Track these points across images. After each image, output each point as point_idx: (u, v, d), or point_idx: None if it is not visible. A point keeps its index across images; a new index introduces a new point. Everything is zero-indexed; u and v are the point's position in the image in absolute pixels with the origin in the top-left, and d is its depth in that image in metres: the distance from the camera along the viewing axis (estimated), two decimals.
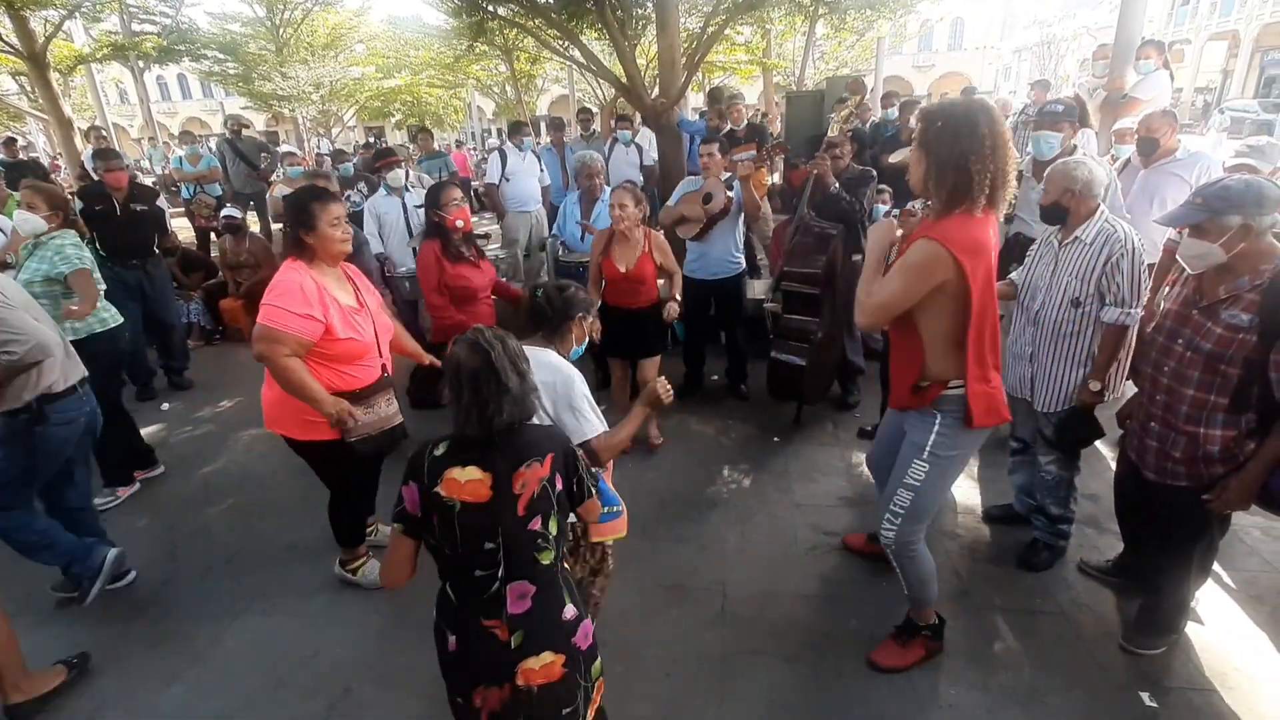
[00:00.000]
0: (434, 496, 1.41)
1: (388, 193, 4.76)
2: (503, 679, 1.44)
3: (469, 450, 1.43)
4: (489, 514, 1.41)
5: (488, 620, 1.45)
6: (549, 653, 1.47)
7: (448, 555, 1.45)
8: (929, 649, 2.35)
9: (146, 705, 2.33)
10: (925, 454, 2.03)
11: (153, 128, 15.92)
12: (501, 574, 1.44)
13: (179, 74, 35.61)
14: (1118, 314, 2.39)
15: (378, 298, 2.66)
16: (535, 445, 1.47)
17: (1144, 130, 3.69)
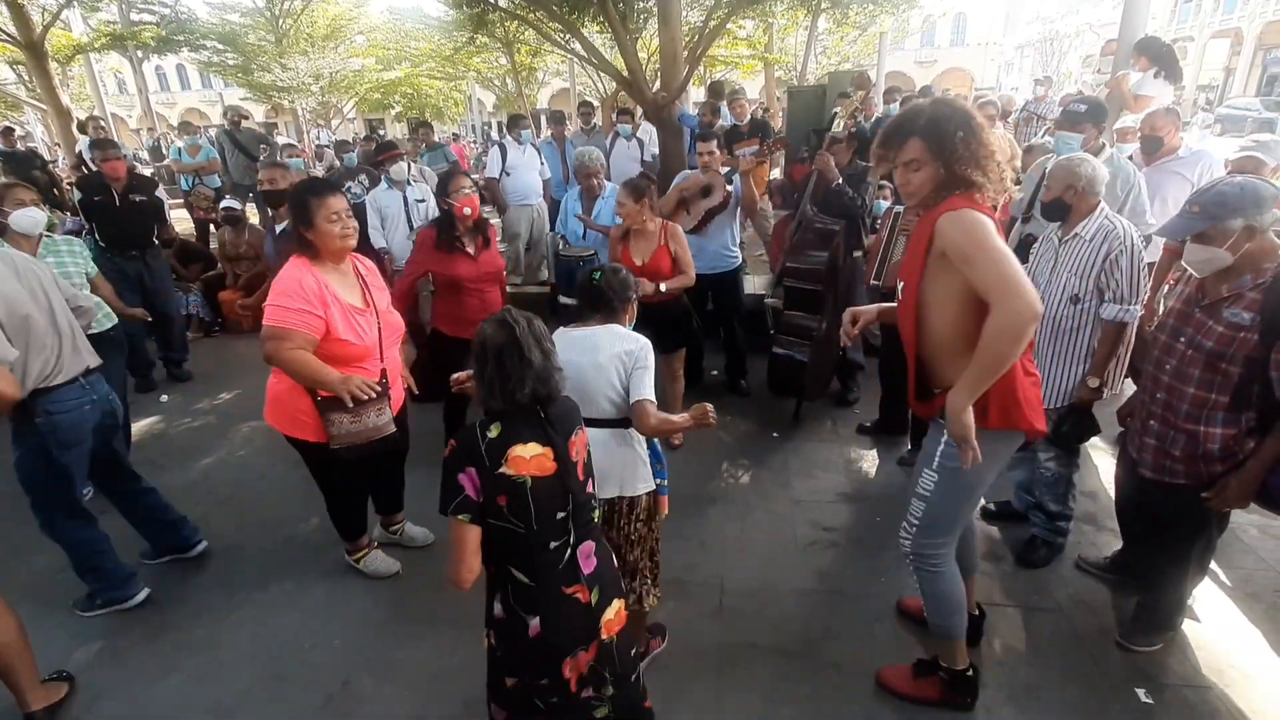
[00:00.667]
0: (500, 478, 1.41)
1: (389, 186, 4.74)
2: (590, 639, 1.50)
3: (523, 428, 1.45)
4: (559, 484, 1.45)
5: (569, 588, 1.48)
6: (617, 600, 1.56)
7: (521, 534, 1.44)
8: (946, 696, 2.13)
9: (144, 696, 2.34)
10: (934, 464, 1.90)
11: (151, 118, 15.86)
12: (572, 540, 1.48)
13: (178, 64, 35.52)
14: (1117, 310, 2.39)
15: (389, 297, 2.61)
16: (573, 416, 1.54)
17: (1147, 129, 3.68)
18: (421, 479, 3.63)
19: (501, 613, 1.50)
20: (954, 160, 1.66)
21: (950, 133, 1.66)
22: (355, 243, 2.39)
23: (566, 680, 1.48)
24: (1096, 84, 5.72)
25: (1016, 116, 7.77)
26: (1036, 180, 3.29)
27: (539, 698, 1.51)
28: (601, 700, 1.54)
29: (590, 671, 1.51)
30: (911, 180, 1.75)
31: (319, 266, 2.34)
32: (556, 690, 1.49)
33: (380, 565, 2.88)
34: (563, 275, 4.01)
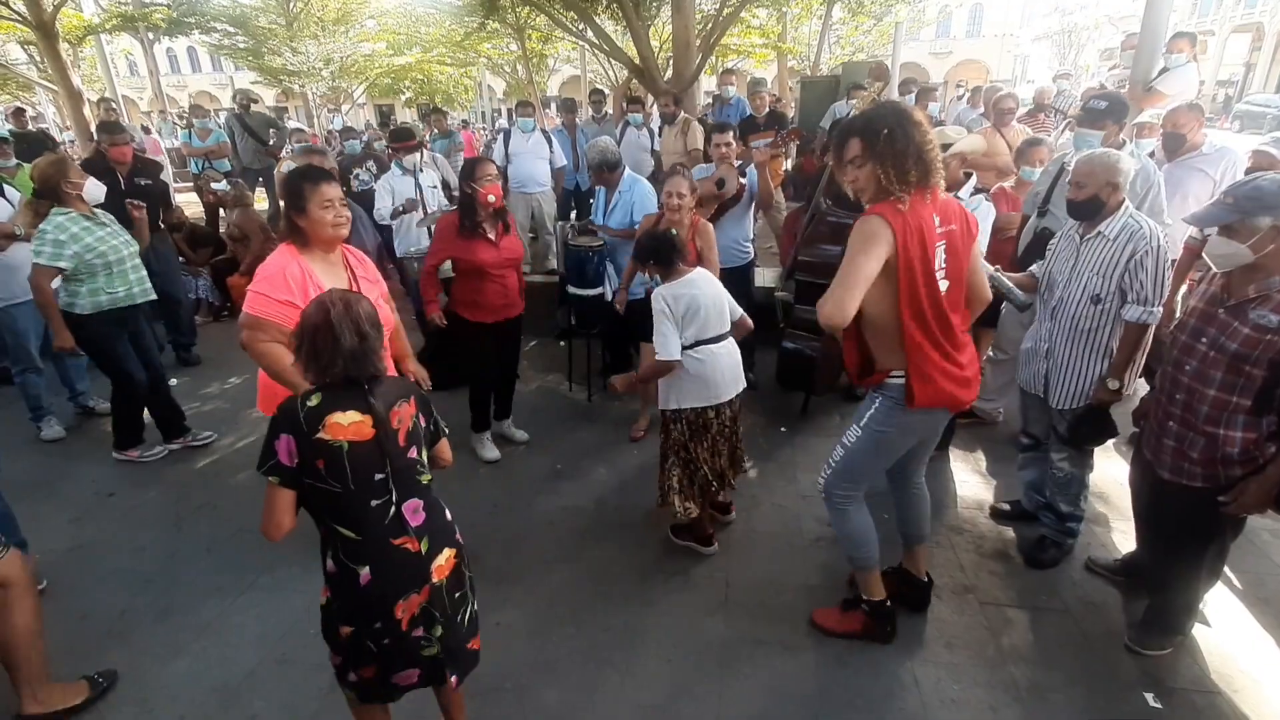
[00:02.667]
0: (317, 443, 1.54)
1: (402, 172, 4.73)
2: (421, 583, 1.65)
3: (344, 396, 1.58)
4: (376, 449, 1.58)
5: (397, 539, 1.63)
6: (448, 549, 1.73)
7: (338, 494, 1.57)
8: (867, 628, 2.38)
9: (152, 677, 2.35)
10: (862, 422, 2.17)
11: (162, 100, 15.83)
12: (395, 498, 1.63)
13: (189, 47, 35.45)
14: (1140, 312, 2.35)
15: (380, 289, 2.56)
16: (400, 390, 1.70)
17: (1170, 125, 3.61)
18: None
19: (333, 567, 1.63)
20: (878, 156, 1.85)
21: (878, 130, 1.85)
22: (347, 232, 2.36)
23: (399, 620, 1.62)
24: (1119, 80, 5.61)
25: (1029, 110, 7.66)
26: (1053, 174, 3.25)
27: (372, 641, 1.64)
28: (431, 640, 1.69)
29: (421, 612, 1.66)
30: (857, 176, 1.94)
31: (307, 255, 2.31)
32: (389, 632, 1.62)
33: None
34: (572, 266, 3.98)
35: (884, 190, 1.88)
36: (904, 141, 1.84)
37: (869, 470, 2.26)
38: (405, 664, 1.70)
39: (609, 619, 2.55)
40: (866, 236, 1.86)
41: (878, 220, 1.85)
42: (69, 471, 3.67)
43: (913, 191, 1.87)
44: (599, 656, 2.38)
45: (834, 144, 2.02)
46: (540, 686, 2.27)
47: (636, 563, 2.86)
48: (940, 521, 3.07)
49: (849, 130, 1.95)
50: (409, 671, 1.71)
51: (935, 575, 2.73)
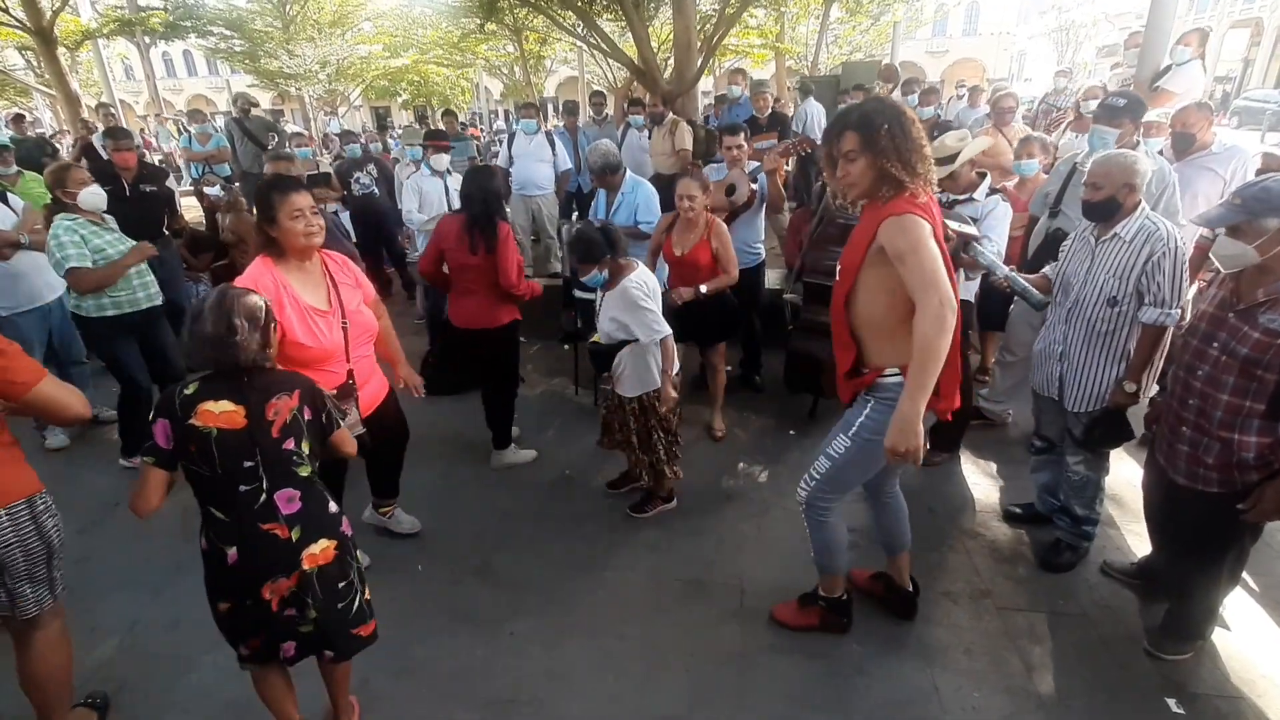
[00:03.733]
0: (189, 429, 1.66)
1: (431, 173, 4.76)
2: (290, 568, 1.74)
3: (219, 387, 1.69)
4: (246, 437, 1.68)
5: (266, 525, 1.72)
6: (324, 539, 1.80)
7: (208, 477, 1.69)
8: (824, 621, 2.44)
9: (163, 691, 2.33)
10: (852, 431, 2.09)
11: (159, 105, 15.81)
12: (266, 486, 1.72)
13: (184, 50, 35.32)
14: (1157, 314, 2.33)
15: (362, 293, 2.54)
16: (283, 383, 1.77)
17: (1179, 125, 3.59)
18: (434, 472, 3.61)
19: (205, 545, 1.76)
20: (880, 152, 1.82)
21: (878, 125, 1.82)
22: (321, 240, 2.35)
23: (268, 601, 1.73)
24: (1124, 79, 5.60)
25: (1035, 109, 7.65)
26: (1065, 174, 3.23)
27: (247, 617, 1.77)
28: (305, 619, 1.79)
29: (291, 596, 1.76)
30: (850, 171, 1.89)
31: (282, 266, 2.31)
32: (259, 610, 1.75)
33: (405, 521, 3.02)
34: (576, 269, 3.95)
35: (885, 184, 1.85)
36: (903, 136, 1.82)
37: (855, 480, 2.23)
38: (281, 638, 1.82)
39: (624, 628, 2.53)
40: (914, 229, 1.80)
41: (912, 218, 1.81)
42: (74, 481, 3.64)
43: (921, 185, 1.85)
44: (616, 666, 2.36)
45: (825, 137, 1.97)
46: (557, 699, 2.24)
47: (650, 570, 2.83)
48: (954, 525, 3.06)
49: (843, 123, 1.89)
50: (286, 644, 1.84)
51: (950, 580, 2.73)
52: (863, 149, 1.85)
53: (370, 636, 1.98)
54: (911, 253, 1.80)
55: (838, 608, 2.44)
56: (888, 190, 1.87)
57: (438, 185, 4.73)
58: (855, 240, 1.99)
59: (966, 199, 3.13)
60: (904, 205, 1.83)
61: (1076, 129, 5.29)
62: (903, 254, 1.81)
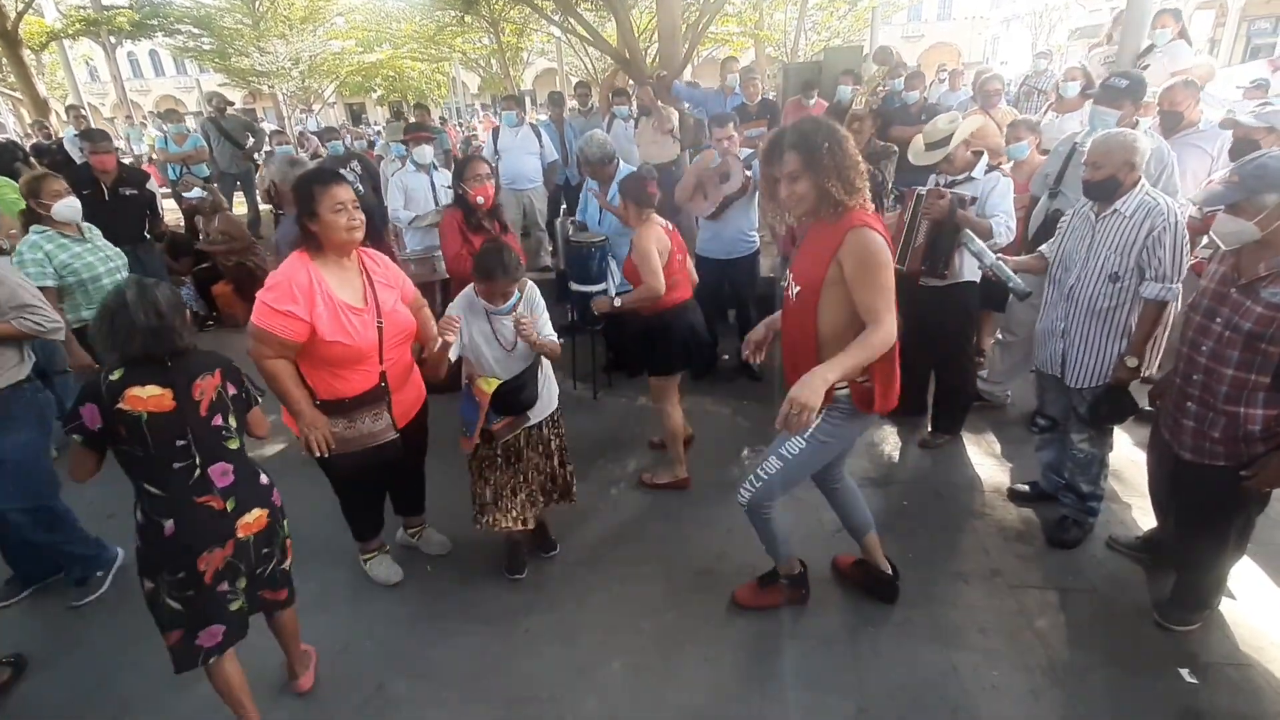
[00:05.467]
0: (118, 413, 1.72)
1: (415, 169, 4.67)
2: (225, 538, 1.85)
3: (144, 372, 1.76)
4: (177, 418, 1.78)
5: (201, 498, 1.82)
6: (257, 509, 1.94)
7: (141, 457, 1.77)
8: (787, 596, 2.52)
9: (175, 702, 2.27)
10: (807, 434, 2.12)
11: (127, 106, 15.40)
12: (199, 461, 1.82)
13: (150, 50, 34.47)
14: (1158, 289, 2.35)
15: (404, 292, 2.46)
16: (205, 364, 1.88)
17: (1166, 104, 3.62)
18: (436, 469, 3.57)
19: (141, 519, 1.82)
20: (821, 171, 1.85)
21: (818, 144, 1.86)
22: (362, 235, 2.27)
23: (201, 573, 1.80)
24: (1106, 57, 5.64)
25: (1016, 91, 7.69)
26: (1064, 154, 3.25)
27: (178, 593, 1.80)
28: (236, 594, 1.90)
29: (226, 566, 1.85)
30: (795, 190, 1.92)
31: (319, 262, 2.22)
32: (192, 584, 1.80)
33: (381, 572, 2.79)
34: (574, 263, 3.92)
35: (827, 203, 1.89)
36: (842, 154, 1.86)
37: (799, 479, 2.28)
38: (211, 619, 1.87)
39: (638, 621, 2.52)
40: (877, 249, 1.87)
41: (873, 233, 1.87)
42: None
43: (860, 200, 1.90)
44: (635, 661, 2.35)
45: (764, 157, 2.00)
46: (578, 694, 2.23)
47: (661, 562, 2.83)
48: (960, 506, 3.08)
49: (780, 144, 1.92)
50: (214, 629, 1.88)
51: (960, 561, 2.75)
52: (804, 169, 1.88)
53: (284, 600, 2.16)
54: (876, 271, 1.86)
55: (797, 581, 2.52)
56: (828, 209, 1.90)
57: (423, 181, 4.66)
58: (815, 254, 1.98)
59: (965, 179, 3.14)
60: (865, 218, 1.89)
61: (1057, 110, 5.33)
62: (860, 274, 1.87)
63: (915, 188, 3.24)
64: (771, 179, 1.98)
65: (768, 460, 2.21)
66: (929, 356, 3.49)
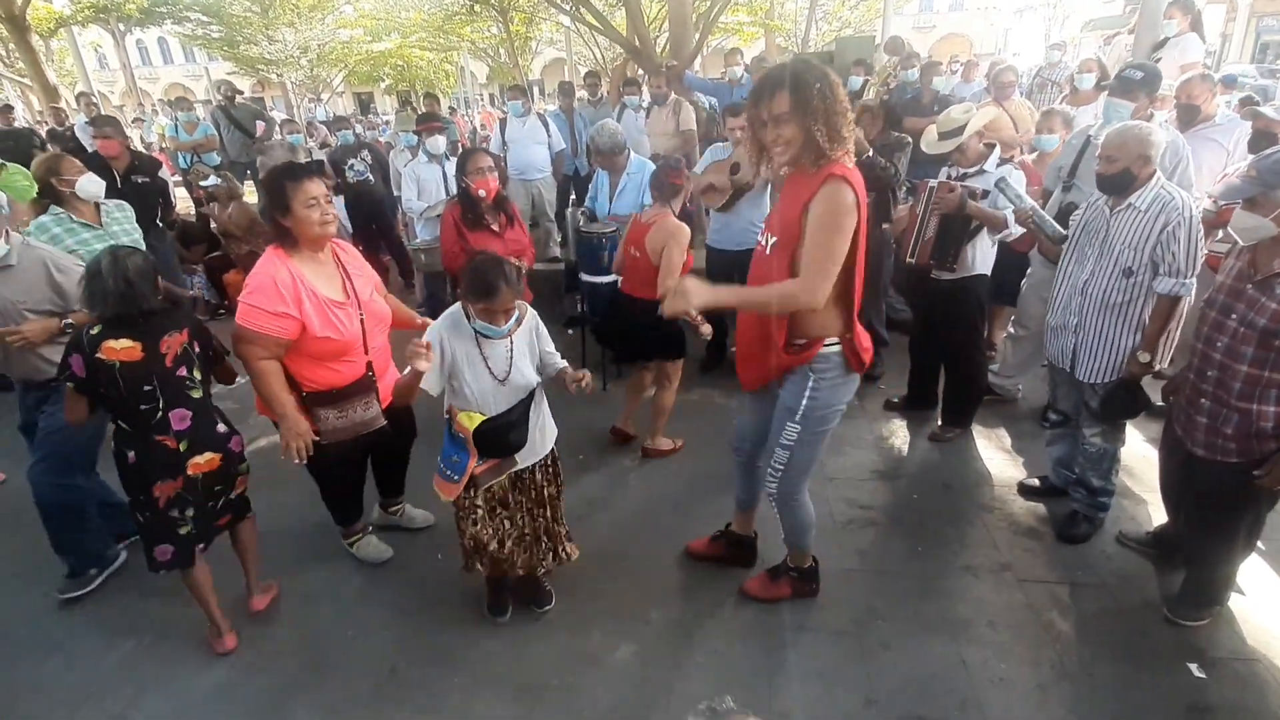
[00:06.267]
0: (97, 362, 2.03)
1: (428, 159, 4.68)
2: (176, 474, 2.16)
3: (119, 329, 2.05)
4: (144, 367, 2.07)
5: (159, 436, 2.13)
6: (210, 452, 2.21)
7: (114, 398, 2.08)
8: (795, 589, 2.50)
9: (187, 688, 2.31)
10: (799, 416, 2.07)
11: (136, 94, 15.45)
12: (161, 405, 2.11)
13: (159, 38, 34.51)
14: (1172, 284, 2.34)
15: (372, 282, 2.49)
16: (174, 323, 2.15)
17: (1184, 97, 3.59)
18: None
19: (115, 448, 2.17)
20: (810, 114, 1.76)
21: (810, 84, 1.76)
22: (335, 229, 2.29)
23: (156, 499, 2.16)
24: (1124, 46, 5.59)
25: (1030, 83, 7.62)
26: (1078, 147, 3.22)
27: (137, 512, 2.20)
28: (185, 521, 2.23)
29: (176, 497, 2.18)
30: (782, 134, 1.81)
31: (296, 258, 2.24)
32: (149, 506, 2.17)
33: (370, 552, 2.83)
34: (584, 253, 3.92)
35: (811, 150, 1.80)
36: (833, 99, 1.77)
37: (815, 457, 2.21)
38: (160, 539, 2.22)
39: (648, 612, 2.53)
40: (844, 210, 1.78)
41: (848, 190, 1.78)
42: None
43: (844, 153, 1.82)
44: (644, 650, 2.37)
45: (753, 95, 1.88)
46: (588, 683, 2.25)
47: (669, 552, 2.84)
48: (970, 500, 3.08)
49: (774, 82, 1.80)
50: (164, 547, 2.23)
51: (970, 555, 2.75)
52: (792, 111, 1.78)
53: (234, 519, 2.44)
54: (831, 229, 1.78)
55: (807, 575, 2.49)
56: (810, 156, 1.81)
57: (435, 171, 4.67)
58: (791, 204, 1.89)
59: (977, 171, 3.12)
60: (844, 170, 1.80)
61: (1071, 103, 5.28)
62: (819, 225, 1.79)
63: (927, 180, 3.22)
64: (758, 120, 1.86)
65: (775, 453, 2.19)
66: (939, 349, 3.48)
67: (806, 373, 2.02)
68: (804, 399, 2.04)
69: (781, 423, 2.12)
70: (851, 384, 2.10)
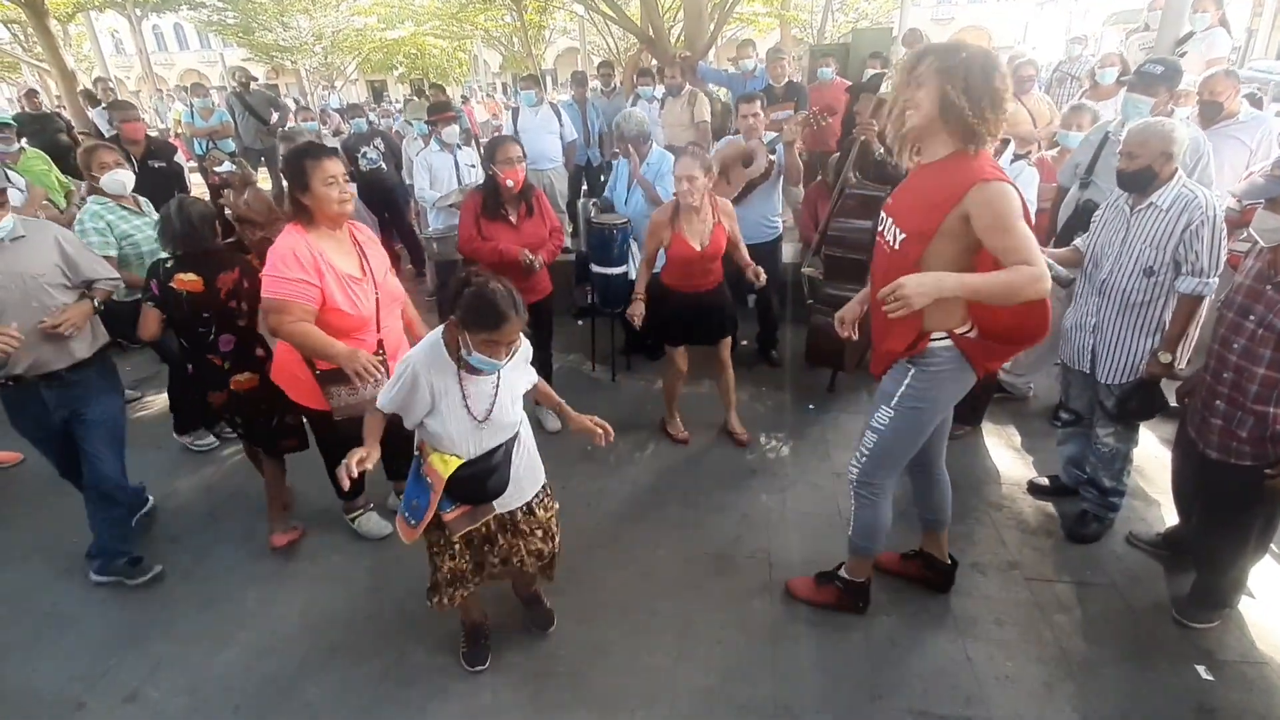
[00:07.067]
0: (168, 289, 2.53)
1: (440, 148, 4.69)
2: (223, 386, 2.68)
3: (186, 264, 2.54)
4: (204, 297, 2.54)
5: (209, 355, 2.64)
6: (248, 372, 2.69)
7: (179, 319, 2.58)
8: (839, 602, 2.42)
9: (201, 666, 2.35)
10: (894, 401, 2.03)
11: (152, 80, 15.53)
12: (214, 330, 2.60)
13: (175, 24, 34.62)
14: (1194, 284, 2.31)
15: (385, 261, 2.54)
16: (228, 262, 2.61)
17: (1206, 93, 3.53)
18: None
19: (180, 362, 2.83)
20: (951, 79, 1.64)
21: (957, 53, 1.65)
22: (352, 208, 2.35)
23: (211, 403, 2.73)
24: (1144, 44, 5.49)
25: (1049, 77, 7.51)
26: (1096, 143, 3.18)
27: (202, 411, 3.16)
28: (235, 425, 2.81)
29: (224, 406, 2.72)
30: (914, 98, 1.70)
31: (314, 233, 2.29)
32: (206, 409, 2.88)
33: (372, 526, 2.94)
34: (596, 245, 3.91)
35: (942, 130, 1.70)
36: (983, 79, 1.64)
37: (904, 453, 2.13)
38: None
39: (654, 602, 2.55)
40: (1011, 200, 1.66)
41: (1007, 189, 1.66)
42: None
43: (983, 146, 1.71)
44: (650, 640, 2.38)
45: (899, 71, 1.77)
46: (595, 671, 2.27)
47: (678, 545, 2.85)
48: (979, 498, 3.07)
49: (919, 54, 1.71)
50: None
51: (978, 552, 2.74)
52: (933, 76, 1.66)
53: (297, 446, 2.86)
54: (1015, 220, 1.66)
55: (857, 590, 2.40)
56: (941, 138, 1.72)
57: (447, 160, 4.67)
58: (928, 200, 1.77)
59: None
60: (991, 170, 1.69)
61: (1092, 98, 5.21)
62: (1001, 220, 1.66)
63: None
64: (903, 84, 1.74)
65: (864, 434, 2.15)
66: None
67: (907, 366, 1.99)
68: (902, 386, 2.01)
69: (877, 406, 2.10)
70: (959, 383, 1.99)
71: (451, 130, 4.67)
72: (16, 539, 3.03)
